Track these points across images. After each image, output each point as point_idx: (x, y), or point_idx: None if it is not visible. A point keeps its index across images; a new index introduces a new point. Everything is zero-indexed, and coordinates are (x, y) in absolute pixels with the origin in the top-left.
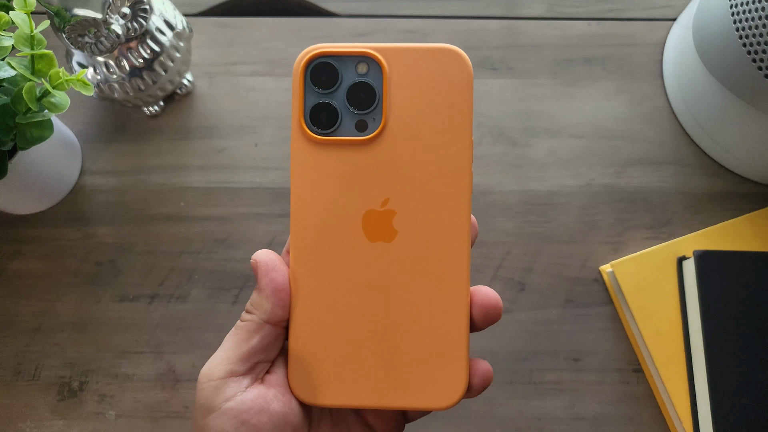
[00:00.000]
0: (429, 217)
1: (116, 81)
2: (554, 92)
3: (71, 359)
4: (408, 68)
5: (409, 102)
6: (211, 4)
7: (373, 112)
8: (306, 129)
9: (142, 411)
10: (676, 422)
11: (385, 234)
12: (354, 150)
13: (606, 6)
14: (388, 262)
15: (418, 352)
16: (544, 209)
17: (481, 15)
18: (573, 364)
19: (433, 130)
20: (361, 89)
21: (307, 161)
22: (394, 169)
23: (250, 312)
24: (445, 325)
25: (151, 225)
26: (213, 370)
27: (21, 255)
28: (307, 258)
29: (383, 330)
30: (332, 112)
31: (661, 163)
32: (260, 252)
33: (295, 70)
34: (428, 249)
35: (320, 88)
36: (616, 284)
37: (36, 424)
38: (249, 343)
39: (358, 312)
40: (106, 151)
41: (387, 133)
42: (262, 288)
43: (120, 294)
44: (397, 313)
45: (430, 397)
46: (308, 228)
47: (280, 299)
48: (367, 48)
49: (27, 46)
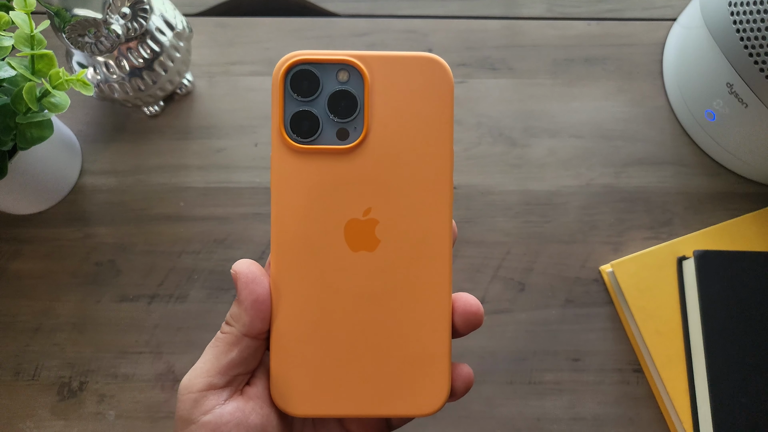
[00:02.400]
0: (411, 225)
1: (116, 81)
2: (554, 92)
3: (71, 359)
4: (389, 76)
5: (391, 110)
6: (211, 4)
7: (354, 120)
8: (286, 137)
9: (142, 411)
10: (676, 422)
11: (367, 243)
12: (335, 159)
13: (606, 6)
14: (370, 271)
15: (400, 360)
16: (544, 209)
17: (481, 15)
18: (573, 365)
19: (415, 139)
20: (342, 97)
21: (287, 170)
22: (376, 178)
23: (229, 324)
24: (428, 333)
25: (150, 225)
26: (192, 382)
27: (21, 255)
28: (288, 267)
29: (365, 338)
30: (313, 121)
31: (661, 163)
32: (241, 262)
33: (275, 77)
34: (410, 257)
35: (300, 95)
36: (616, 284)
37: (36, 425)
38: (228, 356)
39: (341, 321)
40: (106, 151)
41: (369, 142)
42: (242, 300)
43: (120, 294)
44: (379, 321)
45: (414, 403)
46: (290, 238)
47: (260, 311)
48: (348, 56)
49: (27, 46)
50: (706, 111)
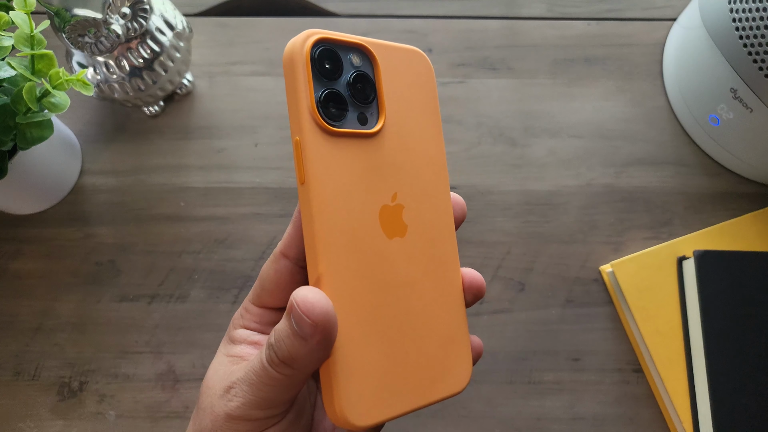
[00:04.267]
0: (427, 208)
1: (116, 81)
2: (554, 92)
3: (71, 359)
4: (390, 64)
5: (395, 96)
6: (211, 4)
7: (371, 105)
8: (320, 119)
9: (142, 411)
10: (676, 422)
11: (398, 229)
12: (361, 144)
13: (606, 6)
14: (404, 259)
15: (435, 344)
16: (544, 209)
17: (481, 15)
18: (573, 364)
19: (417, 124)
20: (361, 81)
21: (324, 155)
22: (394, 163)
23: (290, 366)
24: (451, 313)
25: (151, 225)
26: (248, 413)
27: (21, 255)
28: (341, 271)
29: (407, 329)
30: (342, 103)
31: (661, 162)
32: (319, 304)
33: (298, 53)
34: (431, 240)
35: (326, 76)
36: (616, 284)
37: (36, 425)
38: (288, 394)
39: (388, 317)
40: (106, 151)
41: (386, 127)
42: (315, 349)
43: (120, 294)
44: (415, 309)
45: (449, 384)
46: (337, 233)
47: (329, 354)
48: (360, 40)
49: (27, 46)
50: (709, 116)
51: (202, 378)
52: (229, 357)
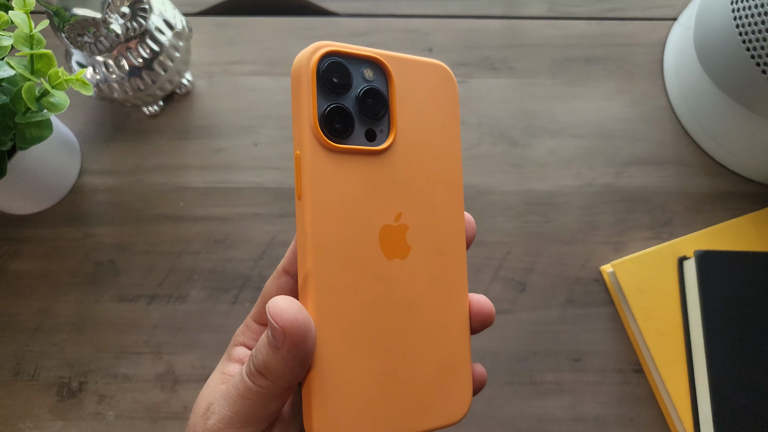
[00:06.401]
0: (435, 230)
1: (116, 81)
2: (554, 92)
3: (70, 359)
4: (406, 79)
5: (410, 112)
6: (210, 3)
7: (381, 121)
8: (322, 135)
9: (142, 412)
10: (676, 422)
11: (400, 250)
12: (367, 161)
13: (606, 6)
14: (403, 281)
15: (432, 370)
16: (545, 209)
17: (481, 14)
18: (573, 365)
19: (432, 143)
20: (371, 96)
21: (324, 173)
22: (402, 182)
23: (266, 377)
24: (453, 339)
25: (150, 225)
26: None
27: (20, 255)
28: (331, 288)
29: (400, 352)
30: (348, 118)
31: (661, 162)
32: (287, 310)
33: (304, 67)
34: (436, 263)
35: (332, 90)
36: (616, 284)
37: (35, 425)
38: (266, 408)
39: (379, 338)
40: (105, 151)
41: (396, 144)
42: (288, 359)
43: (119, 294)
44: (410, 332)
45: (445, 412)
46: (331, 251)
47: (306, 367)
48: (374, 53)
49: (26, 46)
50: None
51: (201, 378)
52: (223, 375)
